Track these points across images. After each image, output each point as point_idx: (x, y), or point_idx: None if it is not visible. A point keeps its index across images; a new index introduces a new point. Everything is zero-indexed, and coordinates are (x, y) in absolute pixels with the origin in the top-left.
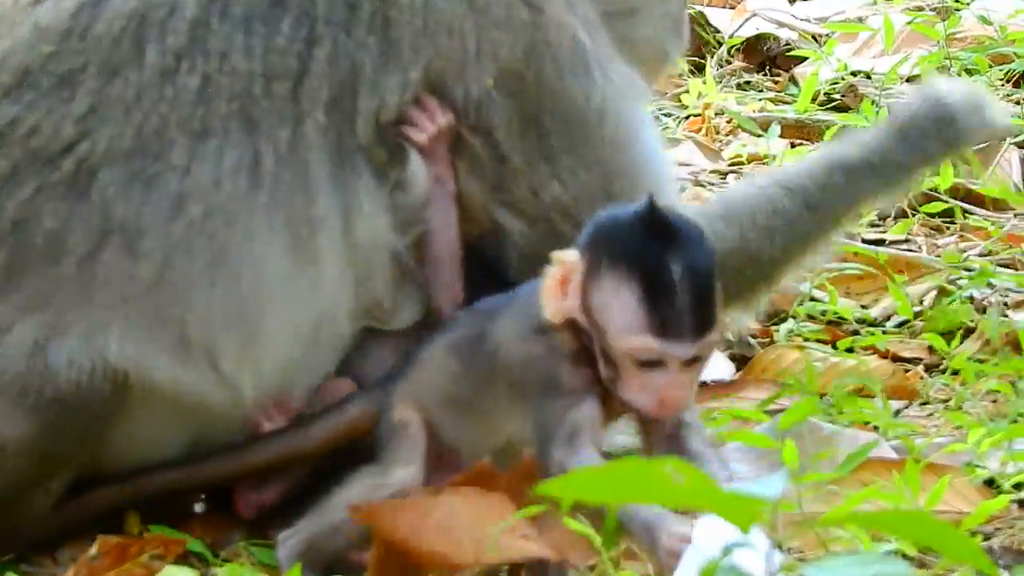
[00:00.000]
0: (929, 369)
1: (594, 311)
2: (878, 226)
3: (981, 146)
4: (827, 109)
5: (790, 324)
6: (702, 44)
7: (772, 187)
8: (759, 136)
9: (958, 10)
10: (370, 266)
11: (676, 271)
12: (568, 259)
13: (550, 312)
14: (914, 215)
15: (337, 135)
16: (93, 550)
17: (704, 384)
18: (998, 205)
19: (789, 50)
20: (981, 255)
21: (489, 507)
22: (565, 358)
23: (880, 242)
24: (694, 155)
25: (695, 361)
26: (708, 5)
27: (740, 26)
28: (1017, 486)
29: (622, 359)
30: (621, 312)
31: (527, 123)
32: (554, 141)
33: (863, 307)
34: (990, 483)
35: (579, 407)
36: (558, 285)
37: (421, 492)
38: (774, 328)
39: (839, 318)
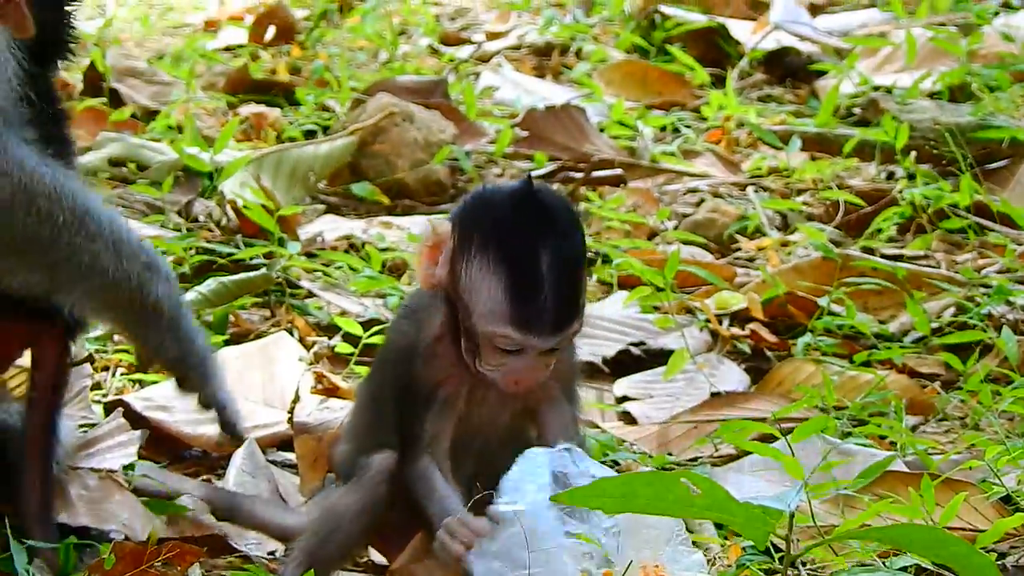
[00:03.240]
0: (946, 385)
1: (460, 288)
2: (897, 241)
3: (1002, 163)
4: (848, 123)
5: (807, 338)
6: (723, 56)
7: None
8: (779, 149)
9: (980, 26)
10: None
11: (545, 263)
12: (440, 229)
13: (420, 278)
14: (933, 231)
15: None
16: (108, 555)
17: (718, 395)
18: (1015, 223)
19: (810, 63)
20: (999, 272)
21: None
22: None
23: (899, 257)
24: (714, 167)
25: (554, 349)
26: (730, 18)
27: (761, 39)
28: None
29: (483, 339)
30: (486, 298)
31: None
32: None
33: (881, 322)
34: (1006, 500)
35: (438, 414)
36: (429, 252)
37: None
38: (791, 341)
39: (857, 332)
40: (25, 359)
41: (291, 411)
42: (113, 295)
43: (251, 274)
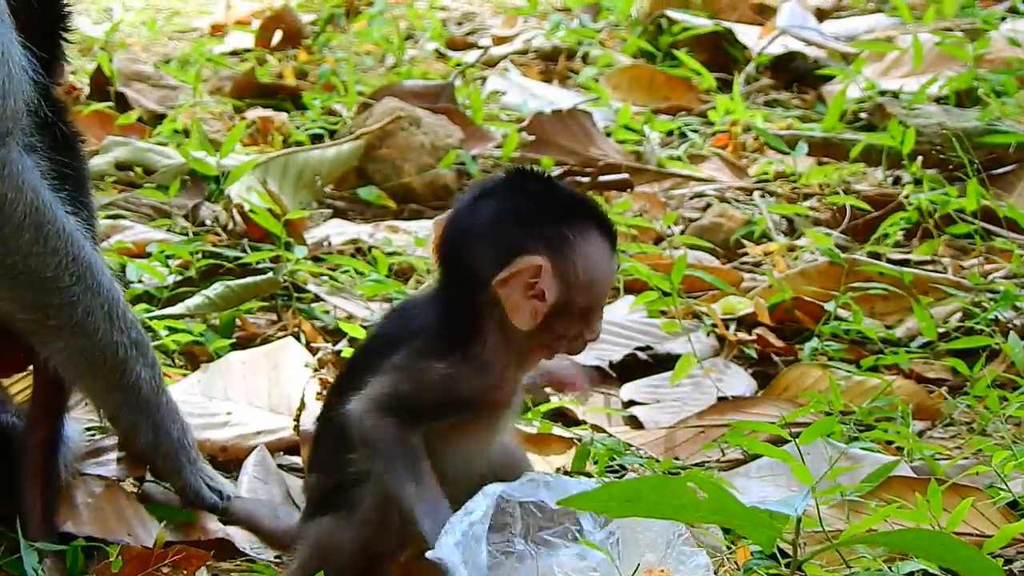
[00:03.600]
0: (953, 391)
1: (579, 284)
2: (903, 247)
3: (1009, 168)
4: (854, 128)
5: (814, 343)
6: (730, 61)
7: None
8: (786, 154)
9: (987, 31)
10: None
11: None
12: (528, 263)
13: (527, 315)
14: (940, 236)
15: None
16: (114, 558)
17: (725, 400)
18: (1022, 228)
19: (817, 68)
20: (1006, 277)
21: None
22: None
23: (905, 262)
24: (721, 172)
25: None
26: (736, 22)
27: (768, 44)
28: None
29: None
30: (603, 263)
31: None
32: None
33: (887, 327)
34: (1013, 506)
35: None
36: (526, 289)
37: None
38: (798, 346)
39: (863, 338)
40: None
41: (297, 419)
42: (96, 361)
43: (257, 278)
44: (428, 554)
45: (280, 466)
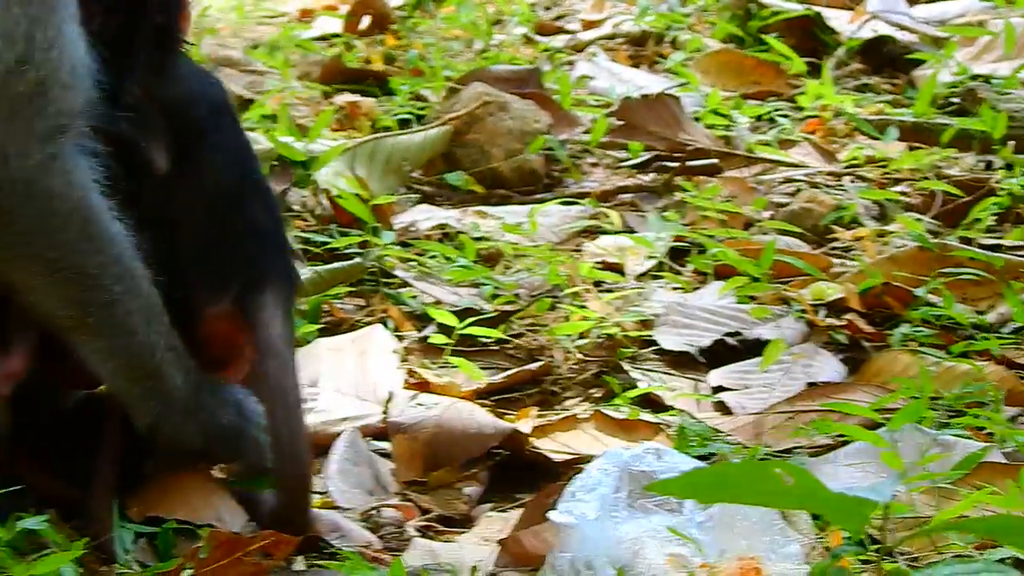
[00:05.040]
0: None
1: None
2: (995, 232)
3: None
4: (946, 113)
5: (904, 328)
6: (820, 46)
7: None
8: (876, 139)
9: None
10: None
11: None
12: None
13: None
14: None
15: None
16: (203, 543)
17: (814, 385)
18: None
19: (908, 53)
20: None
21: None
22: None
23: (997, 248)
24: (810, 157)
25: None
26: (826, 7)
27: (859, 28)
28: None
29: None
30: None
31: None
32: None
33: (979, 312)
34: None
35: None
36: None
37: None
38: (888, 332)
39: (954, 323)
40: None
41: (385, 410)
42: (132, 363)
43: (345, 263)
44: (553, 515)
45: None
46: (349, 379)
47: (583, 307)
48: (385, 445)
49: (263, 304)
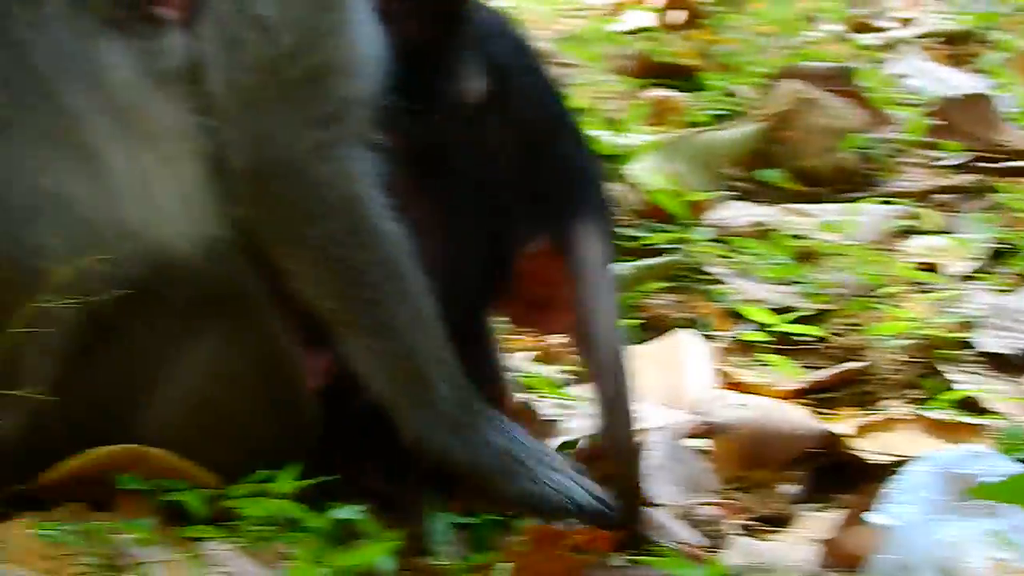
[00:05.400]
0: None
1: None
2: None
3: None
4: None
5: None
6: None
7: None
8: None
9: None
10: None
11: None
12: None
13: None
14: None
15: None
16: (520, 537)
17: None
18: None
19: None
20: None
21: None
22: None
23: None
24: None
25: None
26: None
27: None
28: None
29: None
30: None
31: None
32: None
33: None
34: None
35: None
36: None
37: None
38: None
39: None
40: None
41: (700, 410)
42: (397, 369)
43: (659, 259)
44: (873, 517)
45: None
46: (660, 386)
47: (900, 307)
48: (703, 444)
49: (582, 238)
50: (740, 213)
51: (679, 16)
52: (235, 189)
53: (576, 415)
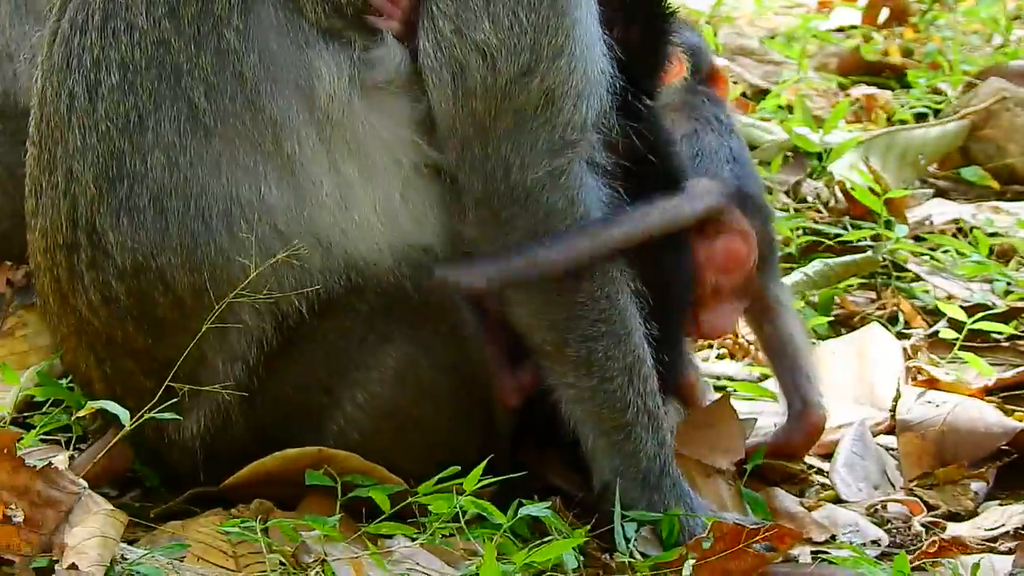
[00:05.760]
0: None
1: None
2: None
3: None
4: None
5: None
6: None
7: None
8: None
9: None
10: None
11: None
12: None
13: None
14: None
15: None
16: (707, 533)
17: None
18: None
19: None
20: None
21: None
22: None
23: None
24: None
25: None
26: None
27: None
28: None
29: None
30: None
31: None
32: None
33: None
34: None
35: None
36: None
37: None
38: None
39: None
40: None
41: (892, 408)
42: (602, 411)
43: (857, 256)
44: None
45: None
46: (850, 383)
47: None
48: (891, 441)
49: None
50: (939, 210)
51: (886, 14)
52: (463, 209)
53: (767, 412)
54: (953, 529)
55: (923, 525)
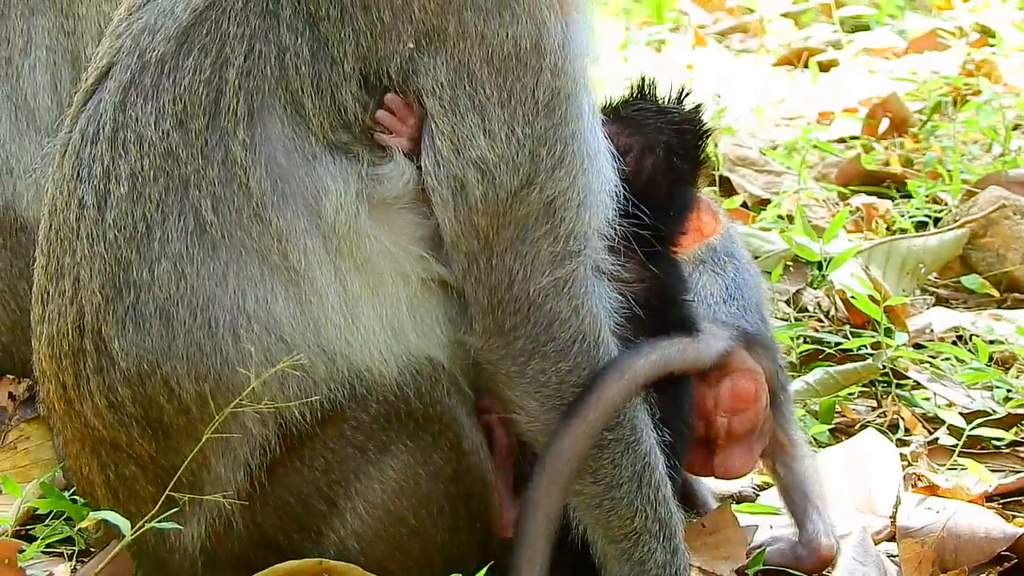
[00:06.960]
0: None
1: None
2: None
3: None
4: None
5: None
6: None
7: None
8: None
9: None
10: None
11: None
12: None
13: None
14: None
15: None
16: None
17: None
18: None
19: None
20: None
21: None
22: None
23: None
24: None
25: None
26: None
27: None
28: None
29: None
30: None
31: (457, 74)
32: (487, 90)
33: None
34: None
35: None
36: None
37: None
38: None
39: None
40: None
41: (893, 515)
42: (611, 519)
43: (858, 364)
44: None
45: None
46: (848, 490)
47: None
48: (892, 548)
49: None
50: (939, 318)
51: (886, 124)
52: (469, 320)
53: (769, 523)
54: None
55: None
